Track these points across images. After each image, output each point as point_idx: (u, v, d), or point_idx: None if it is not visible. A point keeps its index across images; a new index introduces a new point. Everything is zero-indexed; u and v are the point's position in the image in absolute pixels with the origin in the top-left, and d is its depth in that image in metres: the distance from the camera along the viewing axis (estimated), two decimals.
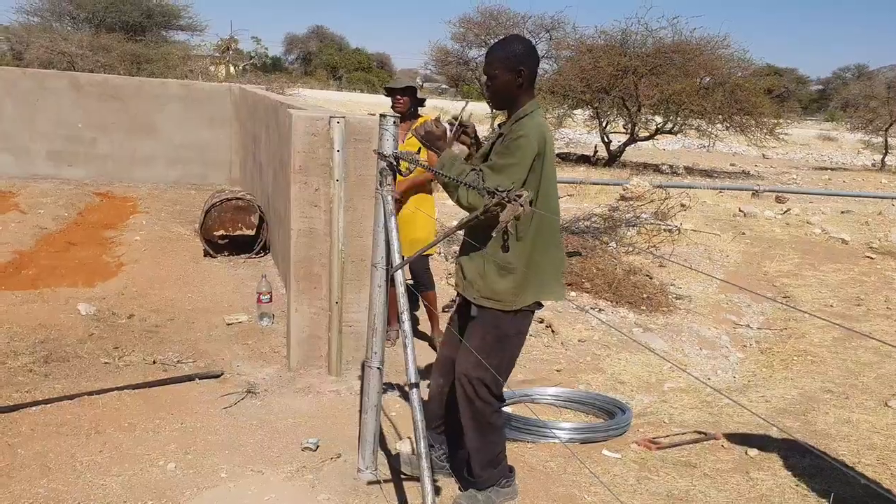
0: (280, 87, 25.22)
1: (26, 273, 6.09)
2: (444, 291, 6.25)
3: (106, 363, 4.33)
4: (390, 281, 3.02)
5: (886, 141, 25.25)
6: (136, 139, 10.60)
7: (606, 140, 20.48)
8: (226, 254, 7.00)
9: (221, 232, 6.92)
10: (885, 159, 25.20)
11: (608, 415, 4.14)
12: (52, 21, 25.97)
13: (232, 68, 34.65)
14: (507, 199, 1.96)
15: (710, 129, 20.04)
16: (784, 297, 7.27)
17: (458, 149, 3.20)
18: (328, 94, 42.30)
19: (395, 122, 3.05)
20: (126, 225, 8.02)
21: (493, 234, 2.74)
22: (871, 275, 8.07)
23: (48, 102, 10.13)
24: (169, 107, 10.71)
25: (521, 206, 1.94)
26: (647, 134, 20.63)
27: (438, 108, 24.40)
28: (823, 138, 41.15)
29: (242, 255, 7.02)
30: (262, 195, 7.60)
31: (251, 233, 7.02)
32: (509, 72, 2.90)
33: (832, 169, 24.04)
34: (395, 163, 3.02)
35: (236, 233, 6.96)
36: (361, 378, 4.42)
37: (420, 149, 4.22)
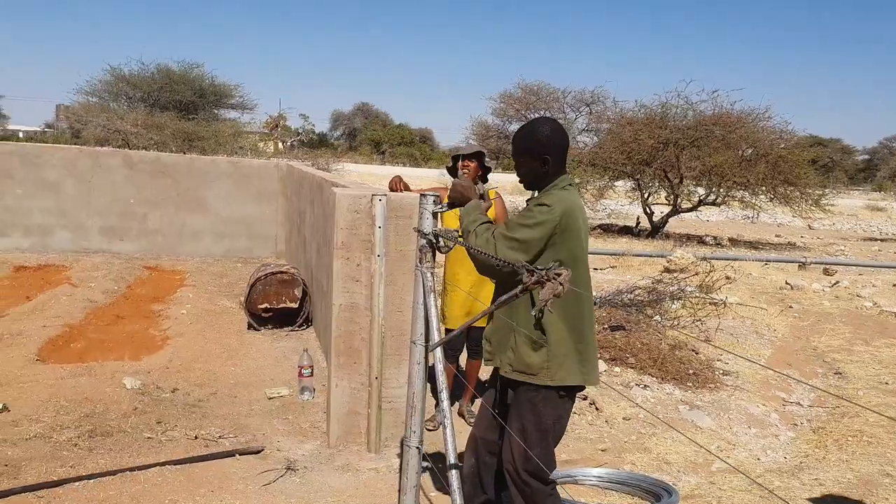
0: (326, 162, 25.91)
1: (75, 346, 6.22)
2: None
3: (149, 438, 4.36)
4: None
5: None
6: (186, 214, 10.91)
7: (649, 211, 20.42)
8: (269, 327, 7.07)
9: (266, 305, 7.01)
10: None
11: (654, 497, 4.01)
12: (110, 101, 27.20)
13: (280, 144, 35.70)
14: (546, 278, 1.96)
15: (753, 201, 19.88)
16: (836, 374, 7.04)
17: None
18: (372, 169, 43.11)
19: (434, 201, 3.10)
20: (173, 298, 8.17)
21: (533, 314, 2.72)
22: None
23: (103, 180, 10.52)
24: (218, 183, 11.03)
25: (562, 284, 1.93)
26: (690, 205, 20.54)
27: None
28: (871, 208, 40.44)
29: (285, 328, 7.09)
30: (306, 268, 7.71)
31: (294, 305, 7.10)
32: (535, 160, 2.93)
33: (882, 240, 23.54)
34: (434, 240, 3.05)
35: (280, 305, 7.05)
36: (400, 456, 4.37)
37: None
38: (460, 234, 3.07)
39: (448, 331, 4.58)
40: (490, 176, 5.06)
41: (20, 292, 8.00)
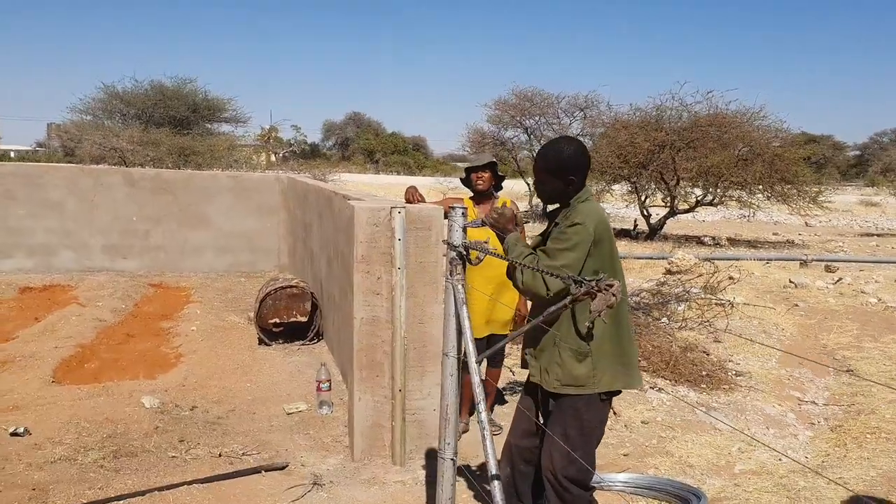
0: (322, 173, 25.93)
1: (89, 366, 6.20)
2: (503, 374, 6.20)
3: (173, 457, 4.35)
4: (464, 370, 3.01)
5: None
6: (187, 230, 10.89)
7: (646, 213, 20.47)
8: (280, 341, 7.06)
9: (276, 319, 7.00)
10: None
11: (684, 501, 4.02)
12: (104, 118, 27.17)
13: (273, 156, 35.67)
14: (597, 289, 1.97)
15: (751, 200, 19.95)
16: (846, 371, 7.07)
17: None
18: (366, 178, 43.12)
19: (463, 213, 3.11)
20: (181, 315, 8.15)
21: (587, 325, 2.74)
22: None
23: (104, 198, 10.50)
24: (218, 197, 11.01)
25: (614, 295, 1.94)
26: (687, 206, 20.60)
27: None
28: (866, 203, 40.65)
29: (296, 342, 7.07)
30: (314, 281, 7.70)
31: (304, 319, 7.09)
32: (558, 181, 2.96)
33: (878, 235, 23.65)
34: (464, 252, 3.06)
35: (290, 320, 7.04)
36: (426, 467, 4.37)
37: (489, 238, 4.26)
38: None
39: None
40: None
41: (28, 313, 7.97)
